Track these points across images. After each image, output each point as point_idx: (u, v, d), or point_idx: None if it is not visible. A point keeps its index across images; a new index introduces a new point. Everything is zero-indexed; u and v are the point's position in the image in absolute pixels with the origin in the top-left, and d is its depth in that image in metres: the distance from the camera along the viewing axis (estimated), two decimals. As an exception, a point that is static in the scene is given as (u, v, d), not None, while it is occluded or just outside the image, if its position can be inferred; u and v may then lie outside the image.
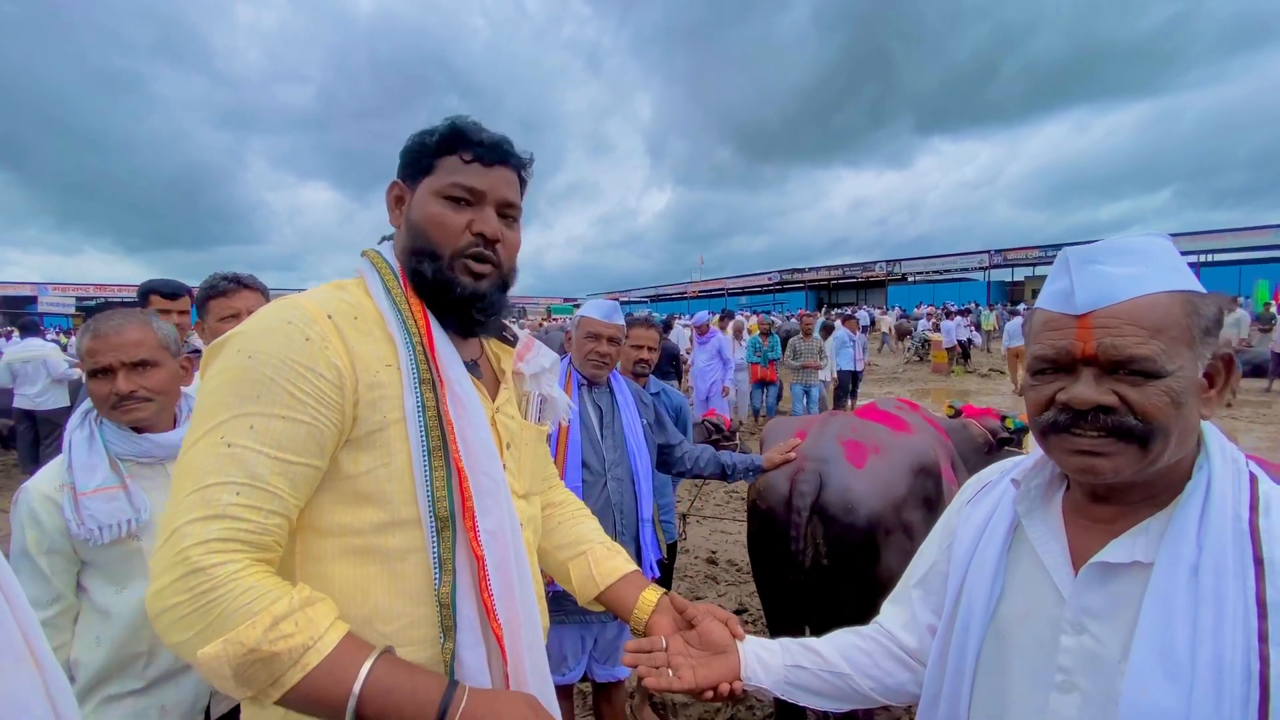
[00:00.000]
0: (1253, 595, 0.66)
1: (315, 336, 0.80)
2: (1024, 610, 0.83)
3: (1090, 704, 0.74)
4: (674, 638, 1.02)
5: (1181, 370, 0.70)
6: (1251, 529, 0.68)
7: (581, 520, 1.24)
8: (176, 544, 0.71)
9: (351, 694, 0.71)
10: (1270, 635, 0.64)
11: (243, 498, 0.74)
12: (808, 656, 1.00)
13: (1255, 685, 0.63)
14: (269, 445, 0.76)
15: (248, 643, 0.69)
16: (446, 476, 0.85)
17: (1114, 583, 0.74)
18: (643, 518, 2.17)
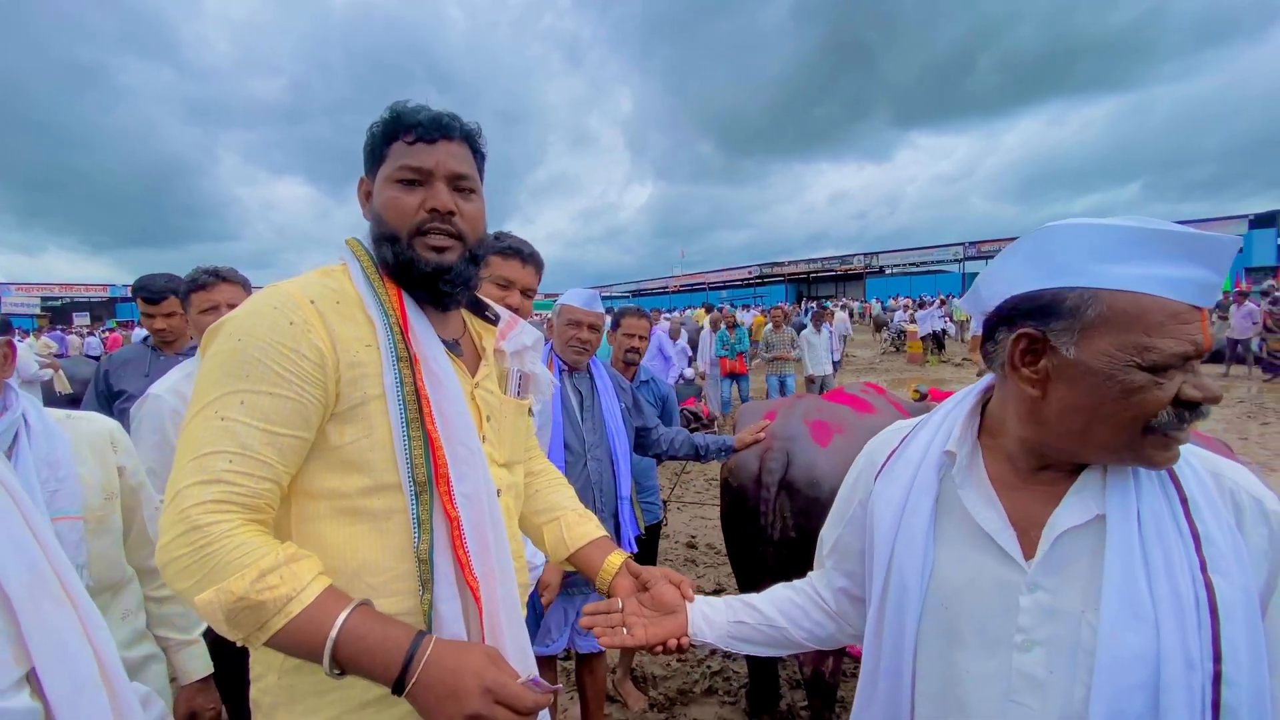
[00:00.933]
0: (1187, 530, 0.73)
1: (299, 321, 0.88)
2: (967, 579, 0.85)
3: (1056, 656, 0.77)
4: (630, 599, 1.12)
5: None
6: (1170, 473, 0.77)
7: (558, 489, 1.33)
8: (179, 505, 0.80)
9: (329, 638, 0.79)
10: (1209, 564, 0.72)
11: (235, 465, 0.82)
12: (748, 613, 1.10)
13: (1206, 611, 0.70)
14: (258, 419, 0.84)
15: (237, 591, 0.77)
16: (424, 445, 0.93)
17: (1065, 540, 0.78)
18: (621, 496, 2.28)
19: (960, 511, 0.87)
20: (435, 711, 0.81)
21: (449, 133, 1.01)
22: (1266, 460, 6.41)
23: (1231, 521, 0.75)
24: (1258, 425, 7.97)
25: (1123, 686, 0.72)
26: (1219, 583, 0.71)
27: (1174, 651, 0.70)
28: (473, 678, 0.81)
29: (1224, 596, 0.71)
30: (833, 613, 1.09)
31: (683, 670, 3.13)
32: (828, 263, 47.32)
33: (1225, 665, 0.70)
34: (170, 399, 1.85)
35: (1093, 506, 0.78)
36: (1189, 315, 0.70)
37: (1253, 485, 0.77)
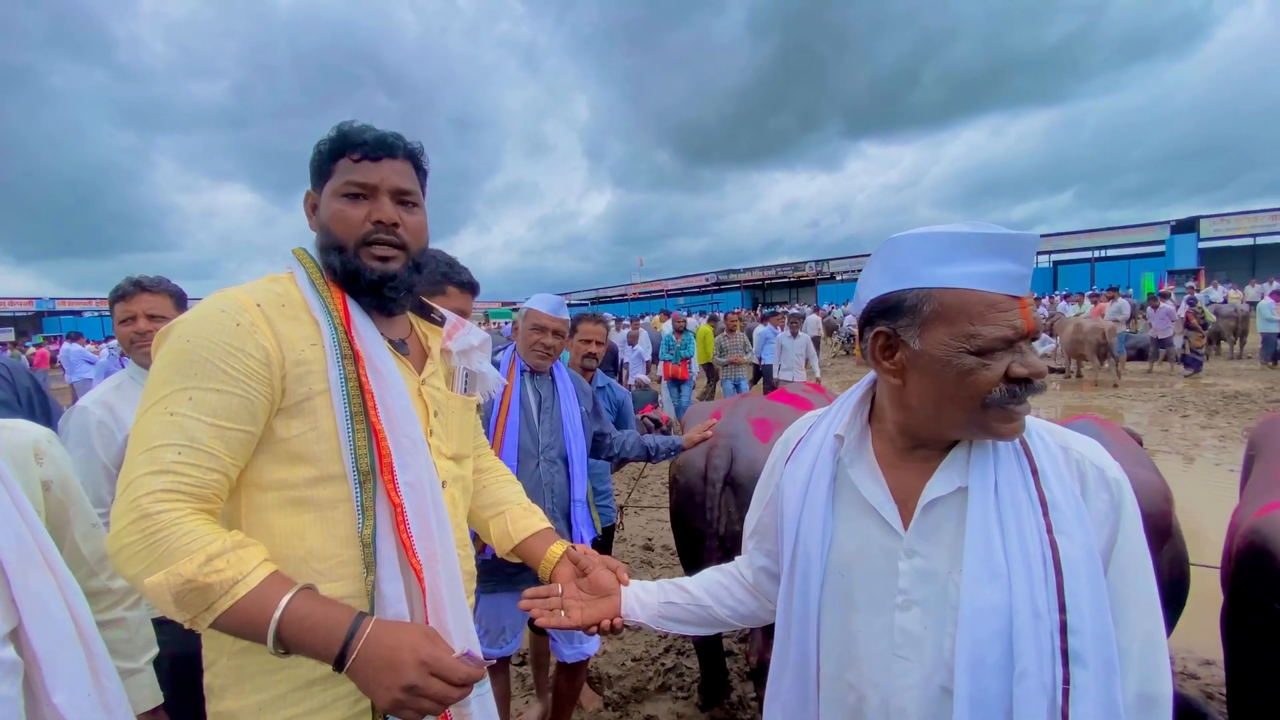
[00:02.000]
0: (1036, 497, 0.83)
1: (245, 322, 0.93)
2: (858, 547, 0.94)
3: (930, 614, 0.86)
4: (569, 584, 1.18)
5: None
6: (1024, 446, 0.87)
7: (504, 485, 1.39)
8: (131, 494, 0.84)
9: (272, 619, 0.84)
10: (1054, 526, 0.81)
11: (184, 457, 0.87)
12: (678, 594, 1.17)
13: (1051, 568, 0.79)
14: (205, 414, 0.89)
15: (185, 574, 0.82)
16: (368, 437, 0.99)
17: (935, 509, 0.88)
18: (575, 498, 2.31)
19: (852, 488, 0.96)
20: (374, 684, 0.86)
21: (393, 151, 1.07)
22: (1185, 450, 6.85)
23: (1076, 489, 0.84)
24: (1179, 418, 8.51)
25: (981, 636, 0.81)
26: (1062, 543, 0.80)
27: (1023, 603, 0.79)
28: (409, 652, 0.86)
29: (1067, 555, 0.80)
30: (755, 590, 1.17)
31: (636, 669, 3.18)
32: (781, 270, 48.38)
33: (1069, 615, 0.78)
34: (97, 410, 1.80)
35: (956, 479, 0.87)
36: (1006, 304, 0.81)
37: (1097, 456, 0.87)
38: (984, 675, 0.80)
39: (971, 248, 0.81)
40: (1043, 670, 0.78)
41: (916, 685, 0.87)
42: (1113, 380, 11.69)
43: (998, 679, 0.79)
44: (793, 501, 1.02)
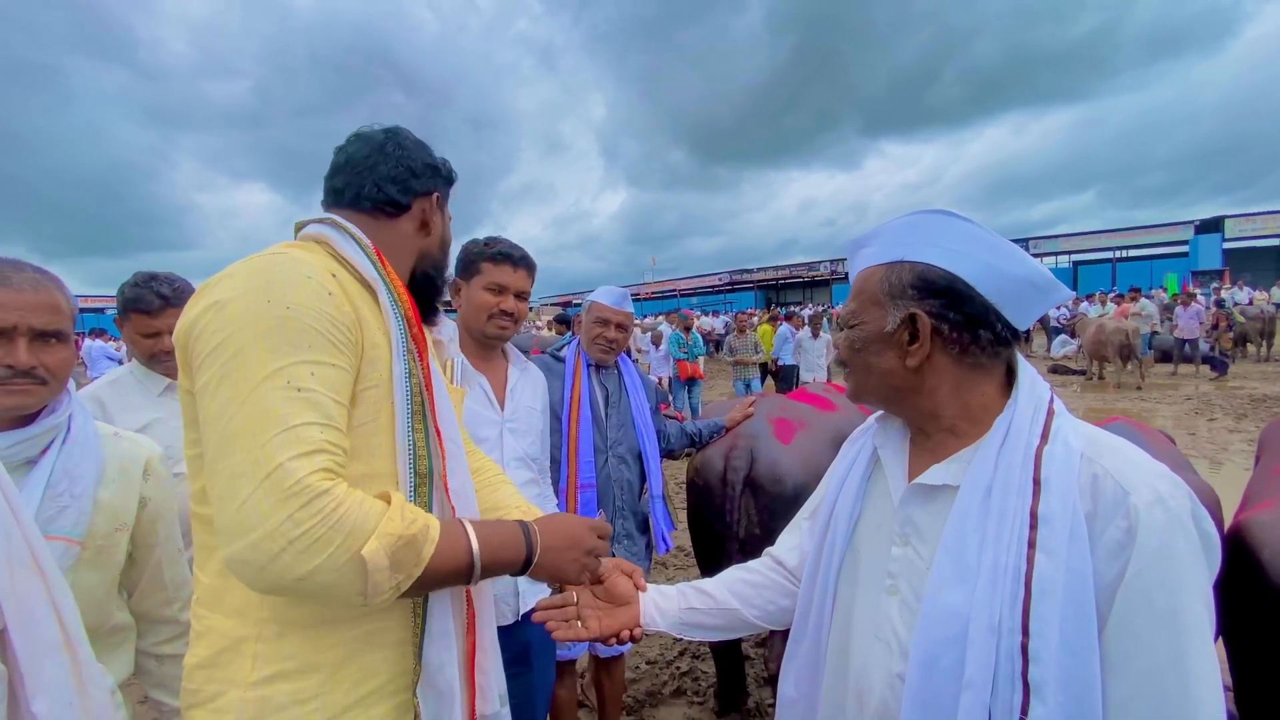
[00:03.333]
0: (1028, 509, 0.76)
1: (336, 291, 0.86)
2: (873, 526, 0.96)
3: (906, 605, 0.86)
4: (584, 592, 1.13)
5: (864, 324, 0.91)
6: (1036, 455, 0.79)
7: (499, 487, 1.31)
8: (284, 480, 0.74)
9: (472, 550, 0.88)
10: (1038, 542, 0.74)
11: (326, 435, 0.79)
12: (700, 598, 1.12)
13: (1021, 584, 0.73)
14: (330, 389, 0.82)
15: (395, 531, 0.79)
16: (426, 438, 0.93)
17: (932, 503, 0.87)
18: (654, 494, 2.29)
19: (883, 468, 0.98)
20: (563, 563, 0.99)
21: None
22: (1213, 454, 6.68)
23: (1084, 508, 0.75)
24: (1205, 421, 8.30)
25: (938, 638, 0.78)
26: (1040, 560, 0.74)
27: (981, 614, 0.75)
28: (579, 525, 1.03)
29: (1042, 573, 0.73)
30: (790, 578, 1.12)
31: (651, 672, 3.13)
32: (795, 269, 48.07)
33: (1032, 640, 0.72)
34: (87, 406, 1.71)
35: (949, 476, 0.85)
36: None
37: (1129, 476, 0.75)
38: (936, 677, 0.78)
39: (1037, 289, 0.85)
40: (997, 690, 0.73)
41: (881, 670, 0.87)
42: (1136, 382, 11.45)
43: (949, 684, 0.76)
44: (836, 477, 1.05)
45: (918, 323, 0.85)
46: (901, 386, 0.89)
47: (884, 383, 0.91)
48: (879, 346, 0.89)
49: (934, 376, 0.87)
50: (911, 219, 0.90)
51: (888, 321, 0.87)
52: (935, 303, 0.85)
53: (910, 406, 0.91)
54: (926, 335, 0.85)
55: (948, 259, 0.85)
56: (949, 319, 0.84)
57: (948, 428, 0.89)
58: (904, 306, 0.86)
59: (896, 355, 0.88)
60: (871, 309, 0.90)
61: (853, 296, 0.94)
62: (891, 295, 0.87)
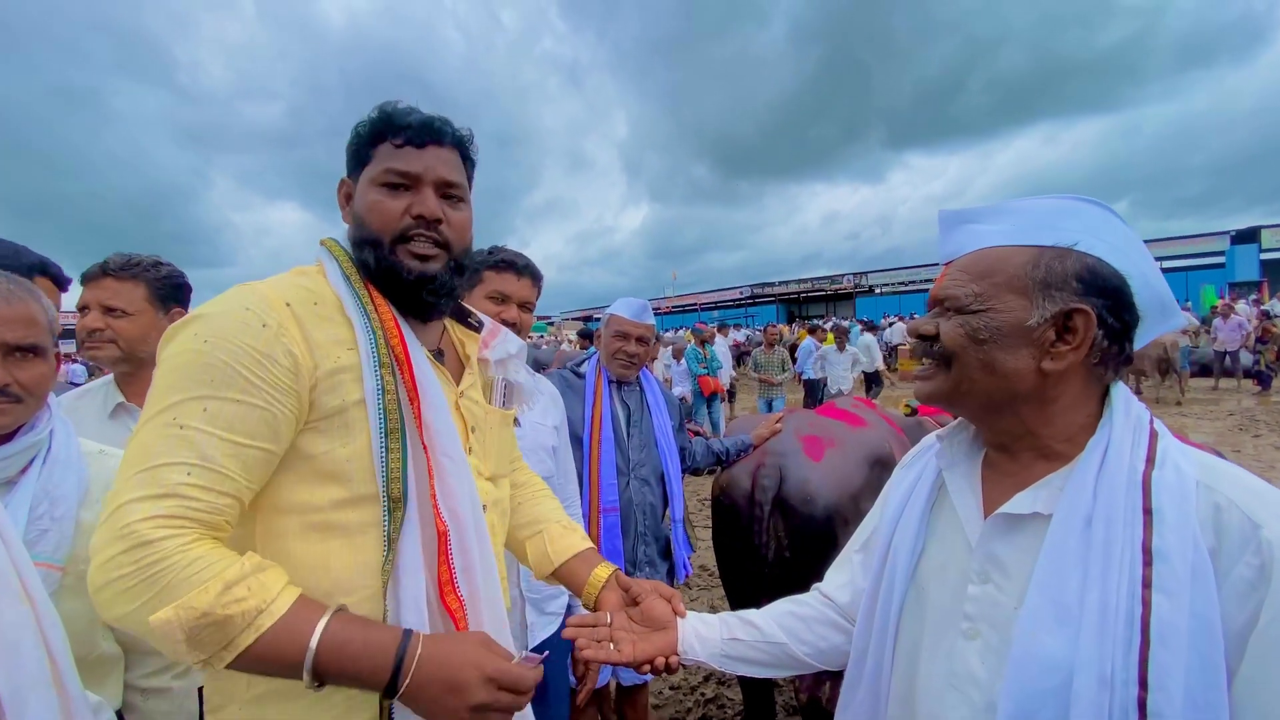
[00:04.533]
0: (1139, 543, 0.67)
1: (273, 324, 0.82)
2: (940, 563, 0.86)
3: (990, 650, 0.77)
4: (618, 613, 1.06)
5: (995, 312, 0.78)
6: (1144, 481, 0.70)
7: (541, 500, 1.27)
8: (121, 519, 0.72)
9: (308, 650, 0.74)
10: (1154, 581, 0.65)
11: (194, 478, 0.75)
12: (744, 629, 1.04)
13: (1136, 629, 0.65)
14: (221, 428, 0.77)
15: (200, 607, 0.71)
16: (402, 457, 0.88)
17: (1018, 534, 0.78)
18: (675, 518, 2.20)
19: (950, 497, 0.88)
20: (436, 709, 0.78)
21: (440, 137, 0.98)
22: (1260, 471, 6.37)
23: (1206, 543, 0.67)
24: (1250, 438, 7.98)
25: (1033, 690, 0.69)
26: (1159, 602, 0.65)
27: (1089, 664, 0.66)
28: (473, 669, 0.79)
29: (1161, 617, 0.65)
30: (843, 617, 1.04)
31: (675, 699, 3.03)
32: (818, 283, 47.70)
33: (1151, 694, 0.63)
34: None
35: (1039, 503, 0.76)
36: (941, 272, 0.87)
37: (1256, 506, 0.67)
38: None
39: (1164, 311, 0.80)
40: None
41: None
42: (1175, 397, 11.06)
43: None
44: (893, 506, 0.96)
45: (1076, 320, 0.75)
46: (1023, 393, 0.78)
47: (1003, 386, 0.78)
48: (1014, 341, 0.76)
49: (1061, 385, 0.77)
50: (1063, 203, 0.80)
51: (1032, 313, 0.75)
52: (1099, 302, 0.75)
53: (1014, 418, 0.80)
54: (1089, 337, 0.75)
55: (1117, 257, 0.76)
56: (1108, 324, 0.75)
57: (1040, 448, 0.80)
58: (1062, 300, 0.75)
59: (1032, 354, 0.76)
60: (1008, 296, 0.77)
61: (975, 276, 0.80)
62: (1047, 284, 0.76)
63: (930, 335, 0.83)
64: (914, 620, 0.88)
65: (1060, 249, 0.77)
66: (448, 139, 0.99)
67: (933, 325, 0.83)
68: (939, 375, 0.83)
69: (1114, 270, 0.76)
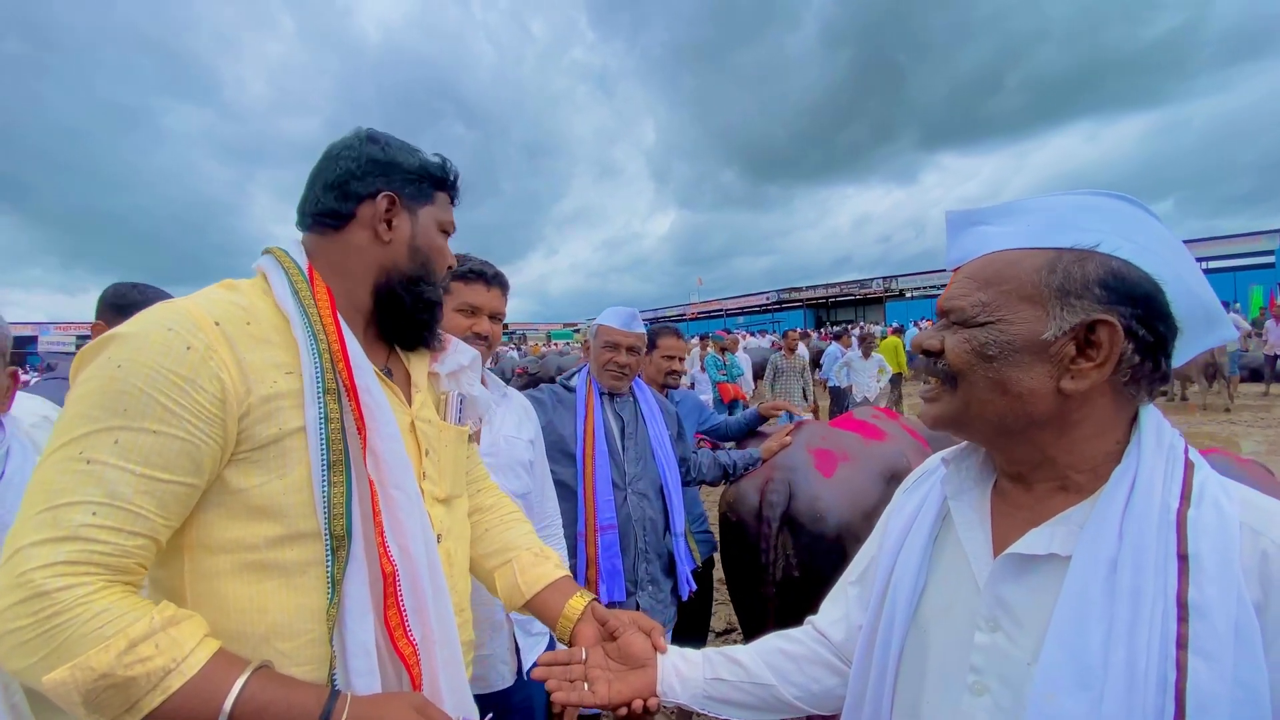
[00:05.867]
0: (1173, 594, 0.59)
1: (198, 345, 0.75)
2: (945, 604, 0.77)
3: (1001, 710, 0.68)
4: (595, 649, 0.99)
5: (1005, 324, 0.69)
6: (1179, 520, 0.62)
7: (511, 526, 1.20)
8: (19, 566, 0.66)
9: (222, 712, 0.68)
10: (1190, 641, 0.57)
11: (99, 518, 0.69)
12: (729, 668, 0.96)
13: (1170, 697, 0.57)
14: (134, 462, 0.71)
15: (99, 668, 0.65)
16: (346, 491, 0.82)
17: (1031, 576, 0.69)
18: (675, 532, 2.11)
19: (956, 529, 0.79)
20: None
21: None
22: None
23: (1252, 597, 0.58)
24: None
25: None
26: (1196, 666, 0.56)
27: None
28: None
29: (1199, 684, 0.56)
30: (837, 656, 0.95)
31: (681, 714, 2.92)
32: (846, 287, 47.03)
33: None
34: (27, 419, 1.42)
35: (1055, 543, 0.67)
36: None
37: None
38: None
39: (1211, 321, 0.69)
40: None
41: None
42: (1224, 404, 10.55)
43: None
44: (894, 536, 0.86)
45: (1100, 333, 0.65)
46: (1040, 417, 0.69)
47: (1016, 408, 0.69)
48: (1027, 358, 0.68)
49: (1085, 408, 0.68)
50: (1085, 199, 0.70)
51: (1048, 325, 0.67)
52: (1128, 311, 0.66)
53: (1030, 444, 0.71)
54: (1115, 352, 0.65)
55: (1149, 259, 0.66)
56: (1139, 336, 0.66)
57: (1058, 478, 0.71)
58: (1082, 310, 0.66)
59: (1049, 373, 0.67)
60: (1019, 305, 0.68)
61: (982, 284, 0.71)
62: (1063, 292, 0.67)
63: (935, 351, 0.74)
64: (915, 667, 0.79)
65: (1081, 251, 0.68)
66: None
67: (938, 340, 0.74)
68: (945, 396, 0.75)
69: (1145, 274, 0.67)
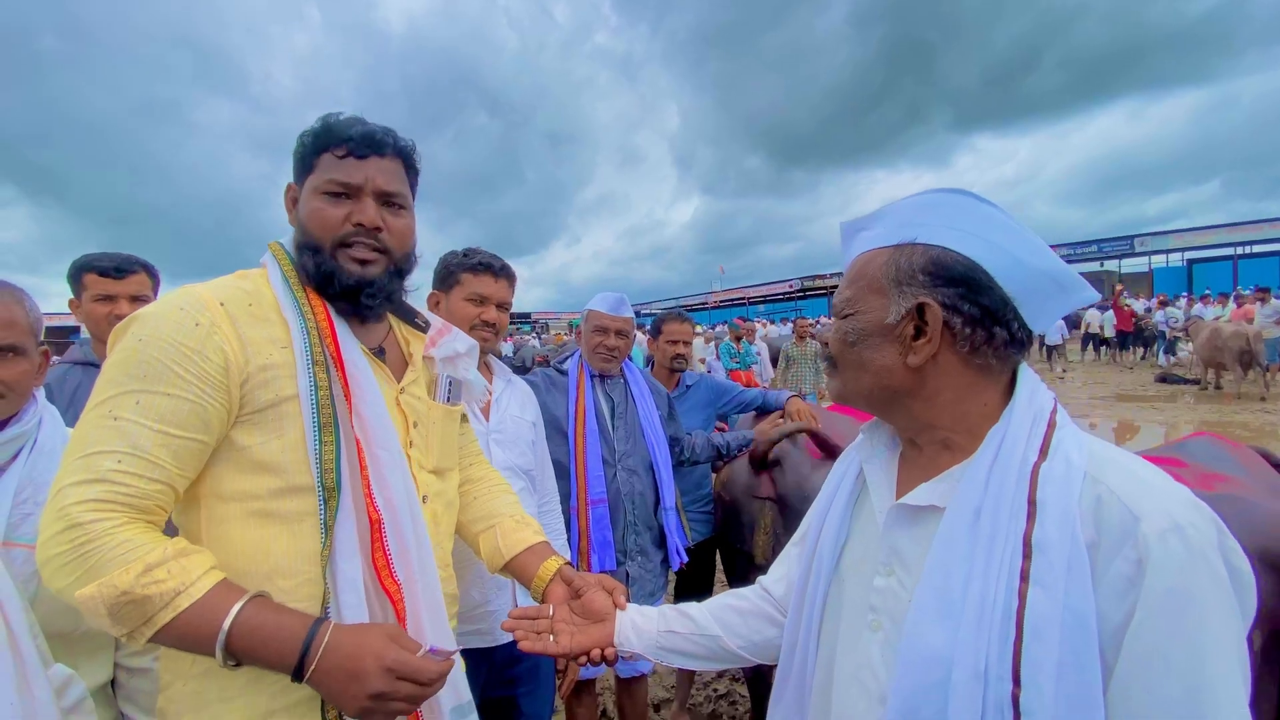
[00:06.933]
0: (1021, 536, 0.66)
1: (205, 322, 0.88)
2: (859, 556, 0.87)
3: (888, 644, 0.77)
4: (561, 606, 1.09)
5: (861, 314, 0.81)
6: (1033, 472, 0.69)
7: (496, 495, 1.31)
8: (60, 502, 0.79)
9: (221, 630, 0.80)
10: (1031, 574, 0.64)
11: (124, 465, 0.82)
12: (681, 622, 1.05)
13: (1012, 623, 0.64)
14: (153, 419, 0.84)
15: (121, 586, 0.77)
16: (335, 450, 0.93)
17: (918, 526, 0.78)
18: (665, 506, 2.22)
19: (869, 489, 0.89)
20: (338, 695, 0.83)
21: (380, 149, 1.02)
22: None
23: (1085, 536, 0.65)
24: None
25: (919, 684, 0.69)
26: (1034, 595, 0.64)
27: (966, 658, 0.65)
28: (372, 659, 0.83)
29: (1035, 611, 0.63)
30: (778, 610, 1.04)
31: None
32: (872, 274, 46.37)
33: (1024, 690, 0.62)
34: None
35: (935, 496, 0.76)
36: None
37: (1139, 498, 0.64)
38: None
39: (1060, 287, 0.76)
40: None
41: (861, 714, 0.78)
42: (1259, 393, 10.26)
43: None
44: (823, 499, 0.97)
45: (926, 314, 0.75)
46: (898, 388, 0.79)
47: (878, 383, 0.80)
48: (877, 340, 0.79)
49: (937, 378, 0.78)
50: (925, 198, 0.81)
51: (890, 312, 0.77)
52: (950, 292, 0.75)
53: (904, 412, 0.82)
54: (937, 329, 0.75)
55: (967, 244, 0.76)
56: (963, 312, 0.75)
57: (942, 440, 0.80)
58: (911, 295, 0.76)
59: (897, 351, 0.78)
60: (870, 297, 0.80)
61: (848, 283, 0.84)
62: (897, 281, 0.77)
63: (825, 341, 0.85)
64: (834, 612, 0.88)
65: (909, 245, 0.78)
66: (389, 150, 1.03)
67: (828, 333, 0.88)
68: (832, 377, 0.89)
69: (961, 257, 0.76)
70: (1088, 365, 16.80)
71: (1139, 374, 14.21)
